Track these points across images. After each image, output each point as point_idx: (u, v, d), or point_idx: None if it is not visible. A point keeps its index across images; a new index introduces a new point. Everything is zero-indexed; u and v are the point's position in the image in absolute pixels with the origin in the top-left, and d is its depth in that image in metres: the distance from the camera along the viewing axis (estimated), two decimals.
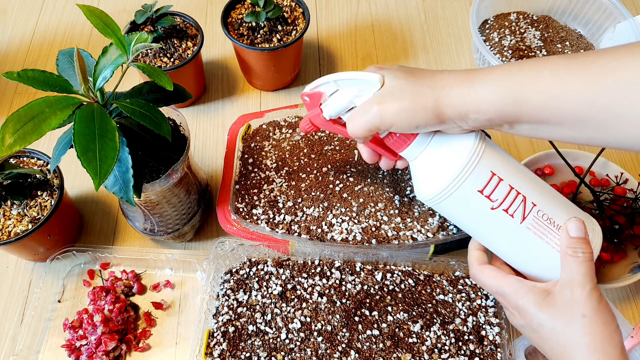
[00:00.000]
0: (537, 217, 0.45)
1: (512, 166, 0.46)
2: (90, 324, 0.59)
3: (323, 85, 0.49)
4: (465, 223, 0.49)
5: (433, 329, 0.57)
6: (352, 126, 0.46)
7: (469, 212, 0.47)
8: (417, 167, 0.49)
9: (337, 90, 0.49)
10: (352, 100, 0.47)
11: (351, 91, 0.47)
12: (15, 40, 0.90)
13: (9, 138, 0.40)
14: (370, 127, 0.45)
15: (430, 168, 0.47)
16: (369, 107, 0.45)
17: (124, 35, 0.47)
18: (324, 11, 0.94)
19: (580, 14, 0.87)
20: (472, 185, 0.45)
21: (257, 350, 0.56)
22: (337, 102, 0.48)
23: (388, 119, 0.43)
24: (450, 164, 0.45)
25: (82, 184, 0.74)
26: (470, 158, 0.44)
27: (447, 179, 0.45)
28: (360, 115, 0.45)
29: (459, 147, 0.45)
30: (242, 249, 0.62)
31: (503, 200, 0.45)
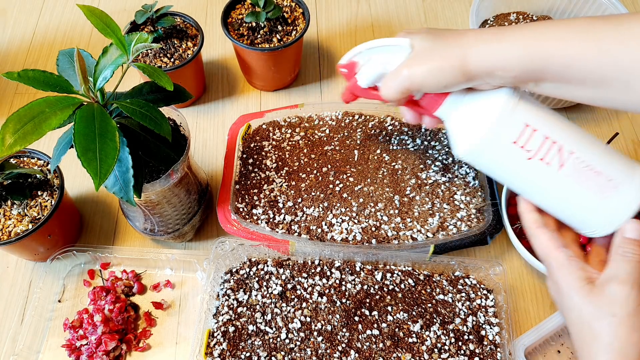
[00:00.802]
0: (576, 164, 0.45)
1: (547, 116, 0.46)
2: (90, 323, 0.59)
3: (357, 55, 0.51)
4: (504, 176, 0.50)
5: (433, 329, 0.57)
6: (385, 90, 0.48)
7: (506, 164, 0.48)
8: (453, 125, 0.50)
9: (369, 58, 0.50)
10: (385, 67, 0.49)
11: (383, 58, 0.49)
12: (16, 40, 0.90)
13: (9, 138, 0.40)
14: (402, 89, 0.46)
15: (464, 125, 0.48)
16: (399, 71, 0.46)
17: (124, 35, 0.47)
18: (324, 11, 0.94)
19: (580, 14, 0.87)
20: (506, 137, 0.45)
21: (257, 350, 0.56)
22: (370, 70, 0.50)
23: (417, 80, 0.45)
24: (483, 119, 0.46)
25: (82, 184, 0.74)
26: (502, 111, 0.45)
27: (481, 134, 0.46)
28: (391, 79, 0.47)
29: (490, 102, 0.46)
30: (242, 249, 0.62)
31: (538, 150, 0.45)
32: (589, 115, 0.81)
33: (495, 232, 0.62)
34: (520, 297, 0.64)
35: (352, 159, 0.69)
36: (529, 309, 0.63)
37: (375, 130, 0.72)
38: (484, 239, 0.62)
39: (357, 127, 0.72)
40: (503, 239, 0.68)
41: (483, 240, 0.62)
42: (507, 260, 0.67)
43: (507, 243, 0.68)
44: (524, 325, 0.62)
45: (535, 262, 0.61)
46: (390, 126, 0.72)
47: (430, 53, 0.45)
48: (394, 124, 0.72)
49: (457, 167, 0.68)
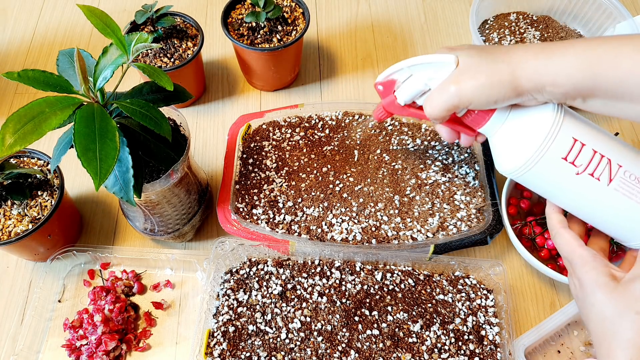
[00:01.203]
0: (624, 177, 0.45)
1: (593, 130, 0.46)
2: (90, 323, 0.59)
3: (396, 73, 0.50)
4: (551, 191, 0.49)
5: (433, 329, 0.57)
6: (430, 108, 0.47)
7: (554, 180, 0.47)
8: (498, 141, 0.49)
9: (410, 75, 0.50)
10: (427, 84, 0.48)
11: (425, 74, 0.48)
12: (16, 40, 0.90)
13: (9, 138, 0.40)
14: (448, 106, 0.46)
15: (510, 141, 0.48)
16: (446, 87, 0.46)
17: (124, 35, 0.47)
18: (324, 11, 0.94)
19: (580, 14, 0.87)
20: (555, 153, 0.45)
21: (257, 350, 0.56)
22: (411, 87, 0.49)
23: (466, 96, 0.44)
24: (531, 135, 0.46)
25: (82, 184, 0.74)
26: (551, 127, 0.44)
27: (529, 150, 0.45)
28: (437, 96, 0.46)
29: (538, 118, 0.46)
30: (242, 249, 0.62)
31: (588, 165, 0.45)
32: (589, 115, 0.81)
33: (495, 232, 0.62)
34: (520, 297, 0.64)
35: (352, 159, 0.69)
36: (529, 309, 0.63)
37: (375, 130, 0.72)
38: (484, 239, 0.62)
39: (357, 127, 0.72)
40: (503, 239, 0.68)
41: (483, 240, 0.62)
42: (507, 260, 0.67)
43: (507, 243, 0.68)
44: (524, 325, 0.62)
45: (535, 262, 0.61)
46: (390, 126, 0.72)
47: (478, 69, 0.44)
48: (394, 124, 0.72)
49: (457, 167, 0.68)
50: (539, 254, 0.65)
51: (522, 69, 0.43)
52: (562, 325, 0.59)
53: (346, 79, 0.85)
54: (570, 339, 0.61)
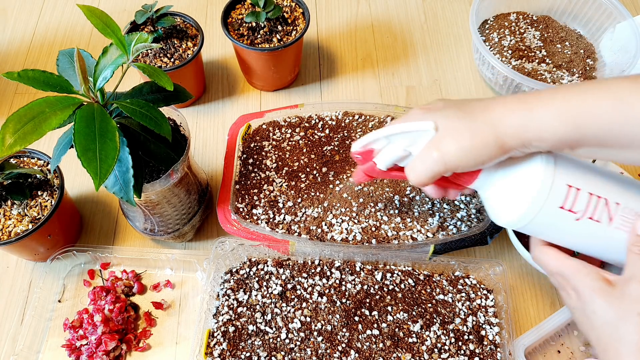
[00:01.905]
0: (624, 214, 0.45)
1: (586, 172, 0.45)
2: (90, 323, 0.59)
3: (374, 142, 0.49)
4: (554, 237, 0.49)
5: (433, 329, 0.57)
6: (414, 176, 0.46)
7: (555, 228, 0.46)
8: (489, 196, 0.48)
9: (389, 142, 0.48)
10: (406, 149, 0.47)
11: (404, 141, 0.47)
12: (16, 40, 0.90)
13: (9, 138, 0.40)
14: (433, 174, 0.45)
15: (503, 195, 0.47)
16: (428, 154, 0.44)
17: (124, 35, 0.47)
18: (324, 11, 0.94)
19: (580, 14, 0.87)
20: (551, 204, 0.44)
21: (257, 350, 0.56)
22: (391, 154, 0.48)
23: (451, 162, 0.43)
24: (523, 190, 0.45)
25: (82, 184, 0.74)
26: (543, 179, 0.44)
27: (524, 205, 0.45)
28: (421, 164, 0.45)
29: (528, 170, 0.45)
30: (242, 249, 0.62)
31: (586, 209, 0.44)
32: None
33: (495, 232, 0.62)
34: (520, 297, 0.64)
35: (352, 159, 0.69)
36: (529, 309, 0.63)
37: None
38: (484, 239, 0.62)
39: (357, 127, 0.72)
40: (503, 239, 0.68)
41: (483, 240, 0.62)
42: (507, 260, 0.67)
43: (507, 243, 0.68)
44: (524, 325, 0.62)
45: None
46: None
47: (458, 132, 0.43)
48: None
49: None
50: None
51: (504, 126, 0.42)
52: (562, 325, 0.59)
53: (346, 79, 0.85)
54: (570, 339, 0.61)
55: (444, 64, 0.87)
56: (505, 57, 0.82)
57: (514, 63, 0.82)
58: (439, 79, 0.85)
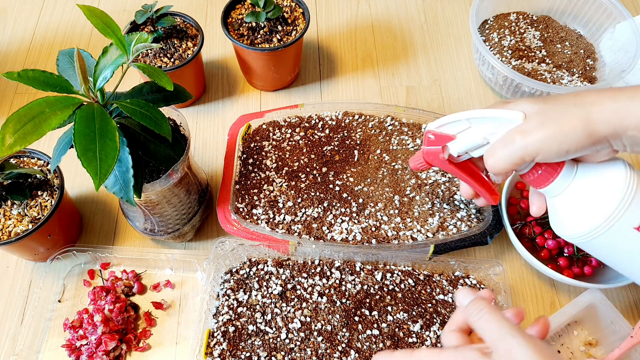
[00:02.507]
0: None
1: None
2: (90, 323, 0.59)
3: (453, 123, 0.47)
4: (617, 260, 0.45)
5: (433, 329, 0.57)
6: (493, 160, 0.43)
7: (623, 250, 0.43)
8: (560, 203, 0.45)
9: (469, 127, 0.46)
10: (486, 137, 0.45)
11: (486, 128, 0.45)
12: (16, 40, 0.90)
13: (9, 138, 0.40)
14: (514, 159, 0.42)
15: (575, 205, 0.44)
16: (511, 138, 0.42)
17: (124, 35, 0.47)
18: (324, 11, 0.94)
19: (580, 14, 0.87)
20: (627, 222, 0.41)
21: (257, 350, 0.56)
22: (469, 140, 0.46)
23: (534, 147, 0.40)
24: (600, 201, 0.42)
25: (82, 184, 0.74)
26: (625, 193, 0.40)
27: (598, 218, 0.41)
28: (502, 148, 0.43)
29: (609, 179, 0.42)
30: (242, 249, 0.62)
31: None
32: None
33: (495, 232, 0.62)
34: (520, 297, 0.64)
35: (352, 159, 0.69)
36: (529, 309, 0.63)
37: (375, 130, 0.72)
38: (484, 239, 0.62)
39: (357, 127, 0.72)
40: (503, 239, 0.68)
41: (483, 240, 0.62)
42: (507, 260, 0.67)
43: (507, 243, 0.68)
44: (524, 325, 0.62)
45: (535, 262, 0.61)
46: (390, 126, 0.72)
47: (545, 117, 0.40)
48: (394, 124, 0.72)
49: None
50: (539, 254, 0.65)
51: (599, 111, 0.38)
52: (562, 325, 0.59)
53: (346, 79, 0.85)
54: (570, 339, 0.61)
55: (444, 64, 0.87)
56: (505, 57, 0.82)
57: (514, 63, 0.82)
58: (439, 79, 0.85)
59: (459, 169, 0.50)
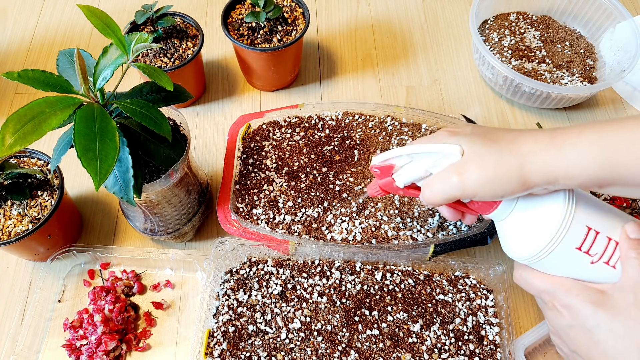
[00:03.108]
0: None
1: (607, 216, 0.44)
2: (90, 323, 0.59)
3: (395, 158, 0.48)
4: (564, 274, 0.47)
5: (433, 329, 0.57)
6: (430, 194, 0.45)
7: (568, 268, 0.45)
8: (505, 227, 0.47)
9: (410, 161, 0.48)
10: (427, 170, 0.46)
11: (427, 162, 0.46)
12: (16, 40, 0.90)
13: (9, 138, 0.40)
14: (449, 196, 0.44)
15: (520, 229, 0.46)
16: (447, 176, 0.43)
17: (124, 35, 0.47)
18: (324, 11, 0.94)
19: (580, 14, 0.87)
20: (569, 244, 0.43)
21: (257, 350, 0.56)
22: (411, 173, 0.47)
23: (470, 189, 0.42)
24: (542, 226, 0.44)
25: (82, 184, 0.74)
26: (564, 217, 0.43)
27: (541, 242, 0.43)
28: (439, 184, 0.44)
29: (548, 207, 0.44)
30: (242, 249, 0.62)
31: (603, 253, 0.43)
32: (589, 115, 0.81)
33: (495, 232, 0.62)
34: (520, 297, 0.64)
35: (352, 159, 0.69)
36: (529, 309, 0.63)
37: (375, 130, 0.72)
38: (484, 239, 0.62)
39: (357, 127, 0.72)
40: None
41: (483, 240, 0.62)
42: (507, 260, 0.67)
43: None
44: (524, 325, 0.62)
45: None
46: (390, 126, 0.72)
47: (483, 161, 0.42)
48: (394, 124, 0.72)
49: None
50: None
51: (531, 162, 0.40)
52: None
53: (346, 79, 0.85)
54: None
55: (444, 64, 0.87)
56: (505, 57, 0.82)
57: (514, 63, 0.82)
58: (439, 79, 0.85)
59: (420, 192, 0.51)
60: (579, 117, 0.81)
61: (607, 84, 0.74)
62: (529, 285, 0.48)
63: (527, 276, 0.48)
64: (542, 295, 0.47)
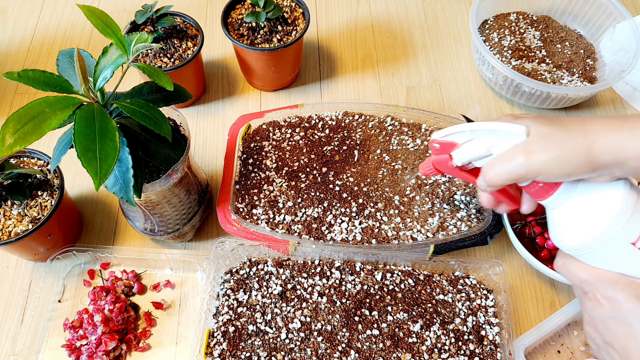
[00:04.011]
0: None
1: None
2: (90, 323, 0.59)
3: (457, 134, 0.48)
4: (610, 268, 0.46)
5: (433, 329, 0.57)
6: (492, 174, 0.45)
7: (618, 263, 0.44)
8: (559, 215, 0.46)
9: (472, 139, 0.47)
10: (489, 149, 0.46)
11: (489, 140, 0.46)
12: (16, 40, 0.90)
13: (9, 138, 0.40)
14: (513, 176, 0.44)
15: (574, 218, 0.44)
16: (512, 156, 0.43)
17: (124, 35, 0.47)
18: (324, 11, 0.94)
19: (580, 14, 0.87)
20: (624, 238, 0.42)
21: (257, 350, 0.56)
22: (472, 151, 0.47)
23: (536, 167, 0.42)
24: (599, 216, 0.42)
25: (82, 184, 0.74)
26: (622, 209, 0.41)
27: (596, 232, 0.42)
28: (502, 163, 0.44)
29: (608, 196, 0.42)
30: (242, 249, 0.62)
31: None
32: (589, 115, 0.81)
33: (495, 232, 0.62)
34: (520, 297, 0.64)
35: (352, 159, 0.69)
36: (529, 309, 0.63)
37: (375, 130, 0.72)
38: (484, 239, 0.62)
39: (357, 127, 0.72)
40: (503, 239, 0.68)
41: (483, 240, 0.62)
42: (507, 260, 0.67)
43: (507, 243, 0.68)
44: (524, 325, 0.62)
45: (535, 262, 0.61)
46: (390, 126, 0.72)
47: (550, 140, 0.42)
48: (394, 124, 0.72)
49: None
50: (539, 254, 0.65)
51: (602, 141, 0.40)
52: (562, 325, 0.59)
53: (346, 79, 0.85)
54: (570, 339, 0.61)
55: (444, 64, 0.87)
56: (505, 57, 0.82)
57: (514, 63, 0.82)
58: (439, 79, 0.85)
59: (473, 176, 0.50)
60: (578, 116, 0.81)
61: (607, 84, 0.74)
62: (572, 274, 0.48)
63: (571, 266, 0.47)
64: (583, 286, 0.47)
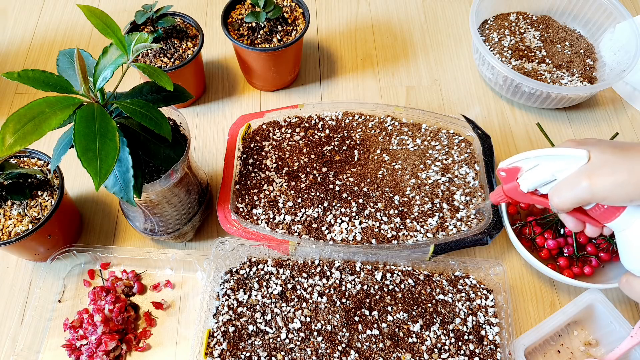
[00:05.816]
0: None
1: None
2: (90, 323, 0.59)
3: (522, 161, 0.49)
4: None
5: (433, 329, 0.57)
6: (558, 199, 0.47)
7: None
8: (628, 237, 0.47)
9: (536, 165, 0.49)
10: (554, 174, 0.47)
11: (553, 166, 0.47)
12: (16, 40, 0.90)
13: (9, 138, 0.40)
14: (578, 200, 0.45)
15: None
16: (576, 181, 0.45)
17: (124, 35, 0.47)
18: (324, 11, 0.94)
19: (580, 14, 0.87)
20: None
21: (257, 350, 0.56)
22: (537, 177, 0.48)
23: (601, 192, 0.43)
24: None
25: (82, 184, 0.74)
26: None
27: None
28: (567, 189, 0.46)
29: None
30: (242, 249, 0.62)
31: None
32: (589, 115, 0.81)
33: (495, 232, 0.62)
34: (520, 297, 0.64)
35: (352, 159, 0.69)
36: (529, 309, 0.63)
37: (375, 130, 0.72)
38: (484, 239, 0.62)
39: (357, 127, 0.72)
40: (503, 239, 0.68)
41: (483, 240, 0.62)
42: (507, 260, 0.67)
43: (507, 243, 0.68)
44: (524, 325, 0.62)
45: (535, 262, 0.61)
46: (390, 126, 0.72)
47: (615, 165, 0.43)
48: (394, 124, 0.72)
49: (457, 167, 0.68)
50: (539, 254, 0.65)
51: None
52: (562, 325, 0.59)
53: (346, 79, 0.85)
54: (570, 339, 0.61)
55: (444, 64, 0.87)
56: (505, 57, 0.82)
57: (514, 63, 0.82)
58: (439, 79, 0.85)
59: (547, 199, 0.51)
60: (579, 117, 0.81)
61: (607, 84, 0.74)
62: (635, 293, 0.48)
63: (636, 284, 0.48)
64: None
